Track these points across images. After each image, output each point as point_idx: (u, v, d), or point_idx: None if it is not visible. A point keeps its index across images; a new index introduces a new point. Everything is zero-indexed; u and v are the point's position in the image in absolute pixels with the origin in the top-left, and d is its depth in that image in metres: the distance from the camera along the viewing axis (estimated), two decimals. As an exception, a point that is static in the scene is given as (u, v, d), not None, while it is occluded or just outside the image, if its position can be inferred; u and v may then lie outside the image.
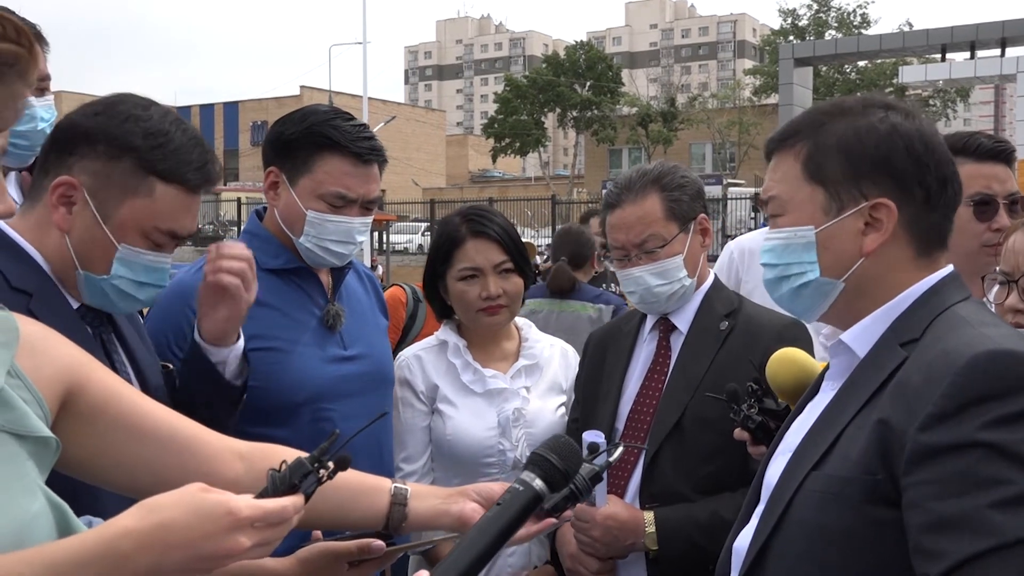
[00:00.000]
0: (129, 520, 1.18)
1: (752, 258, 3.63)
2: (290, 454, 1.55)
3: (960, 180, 1.58)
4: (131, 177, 1.79)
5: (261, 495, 1.25)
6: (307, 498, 1.27)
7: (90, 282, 1.83)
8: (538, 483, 1.46)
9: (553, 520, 1.55)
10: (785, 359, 1.94)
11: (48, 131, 2.36)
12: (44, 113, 2.59)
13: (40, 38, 2.53)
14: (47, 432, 1.29)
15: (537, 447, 1.52)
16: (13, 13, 1.22)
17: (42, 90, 2.57)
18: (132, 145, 1.79)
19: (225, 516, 1.19)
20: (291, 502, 1.25)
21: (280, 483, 1.26)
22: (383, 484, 1.69)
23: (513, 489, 1.46)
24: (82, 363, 1.43)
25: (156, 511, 1.18)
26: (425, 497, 1.71)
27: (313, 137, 2.39)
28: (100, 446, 1.43)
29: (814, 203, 1.57)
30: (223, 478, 1.49)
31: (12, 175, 2.69)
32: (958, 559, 1.25)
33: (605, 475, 2.37)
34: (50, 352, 1.38)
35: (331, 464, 1.30)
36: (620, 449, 1.61)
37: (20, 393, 1.28)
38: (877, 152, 1.53)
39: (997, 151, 2.46)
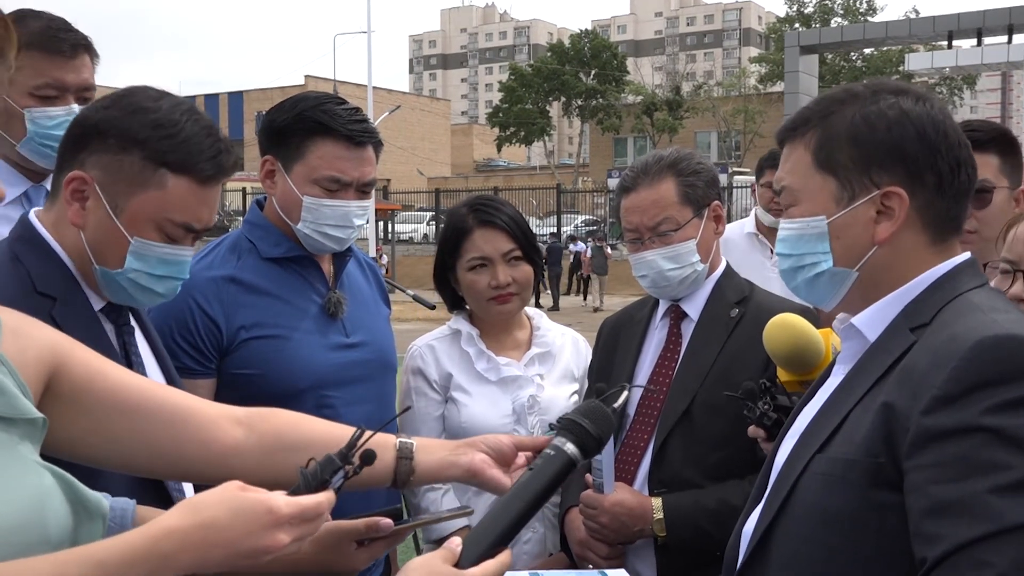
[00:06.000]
0: (172, 520, 1.22)
1: (726, 246, 3.59)
2: (290, 417, 1.62)
3: (974, 164, 1.56)
4: (141, 170, 1.76)
5: (294, 492, 1.30)
6: (336, 492, 1.34)
7: (106, 277, 1.82)
8: (571, 448, 1.45)
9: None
10: (780, 325, 1.92)
11: None
12: None
13: (90, 49, 2.53)
14: (35, 413, 1.31)
15: (568, 412, 1.51)
16: None
17: (86, 99, 2.53)
18: (141, 137, 1.76)
19: (266, 515, 1.23)
20: (325, 498, 1.30)
21: (312, 480, 1.32)
22: (388, 440, 1.68)
23: (545, 455, 1.45)
24: (62, 344, 1.44)
25: (199, 511, 1.22)
26: (432, 450, 1.71)
27: (304, 123, 2.38)
28: (89, 424, 1.44)
29: (825, 192, 1.55)
30: (221, 444, 1.53)
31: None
32: (956, 543, 1.24)
33: (612, 464, 2.38)
34: (31, 335, 1.39)
35: (356, 459, 1.36)
36: (625, 393, 1.58)
37: (6, 379, 1.30)
38: (887, 139, 1.51)
39: None
